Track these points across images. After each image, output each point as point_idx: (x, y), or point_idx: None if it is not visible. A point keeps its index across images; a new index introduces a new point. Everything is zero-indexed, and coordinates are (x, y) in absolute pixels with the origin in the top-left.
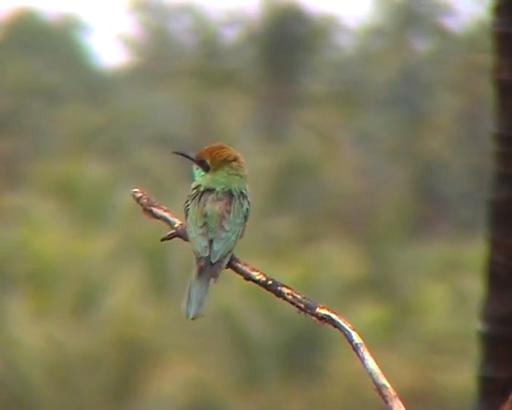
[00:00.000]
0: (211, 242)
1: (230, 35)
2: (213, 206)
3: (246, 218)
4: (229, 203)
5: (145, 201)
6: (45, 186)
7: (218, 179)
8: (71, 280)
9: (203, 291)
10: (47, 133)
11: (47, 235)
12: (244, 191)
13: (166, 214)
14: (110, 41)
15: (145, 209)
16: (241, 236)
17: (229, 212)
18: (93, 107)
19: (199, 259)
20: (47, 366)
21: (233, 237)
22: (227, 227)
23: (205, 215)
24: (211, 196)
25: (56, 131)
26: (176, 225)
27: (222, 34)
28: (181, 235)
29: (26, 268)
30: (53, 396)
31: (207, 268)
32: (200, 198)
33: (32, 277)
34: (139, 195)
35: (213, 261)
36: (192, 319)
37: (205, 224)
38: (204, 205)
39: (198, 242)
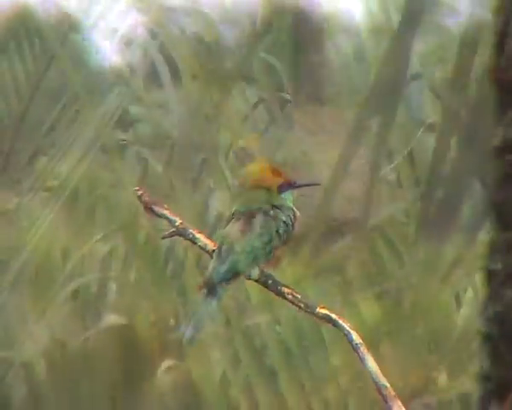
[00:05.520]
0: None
1: (230, 35)
2: (231, 227)
3: (272, 239)
4: (248, 224)
5: (146, 199)
6: (45, 186)
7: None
8: (70, 280)
9: (203, 315)
10: (47, 133)
11: (47, 235)
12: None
13: (167, 213)
14: (110, 41)
15: (146, 207)
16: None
17: (244, 233)
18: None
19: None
20: (47, 366)
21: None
22: (238, 249)
23: (222, 237)
24: (234, 218)
25: (57, 132)
26: (176, 224)
27: (222, 34)
28: (181, 233)
29: (25, 268)
30: (53, 396)
31: (211, 289)
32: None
33: (32, 276)
34: (140, 193)
35: (215, 281)
36: (186, 344)
37: (221, 245)
38: (225, 227)
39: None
